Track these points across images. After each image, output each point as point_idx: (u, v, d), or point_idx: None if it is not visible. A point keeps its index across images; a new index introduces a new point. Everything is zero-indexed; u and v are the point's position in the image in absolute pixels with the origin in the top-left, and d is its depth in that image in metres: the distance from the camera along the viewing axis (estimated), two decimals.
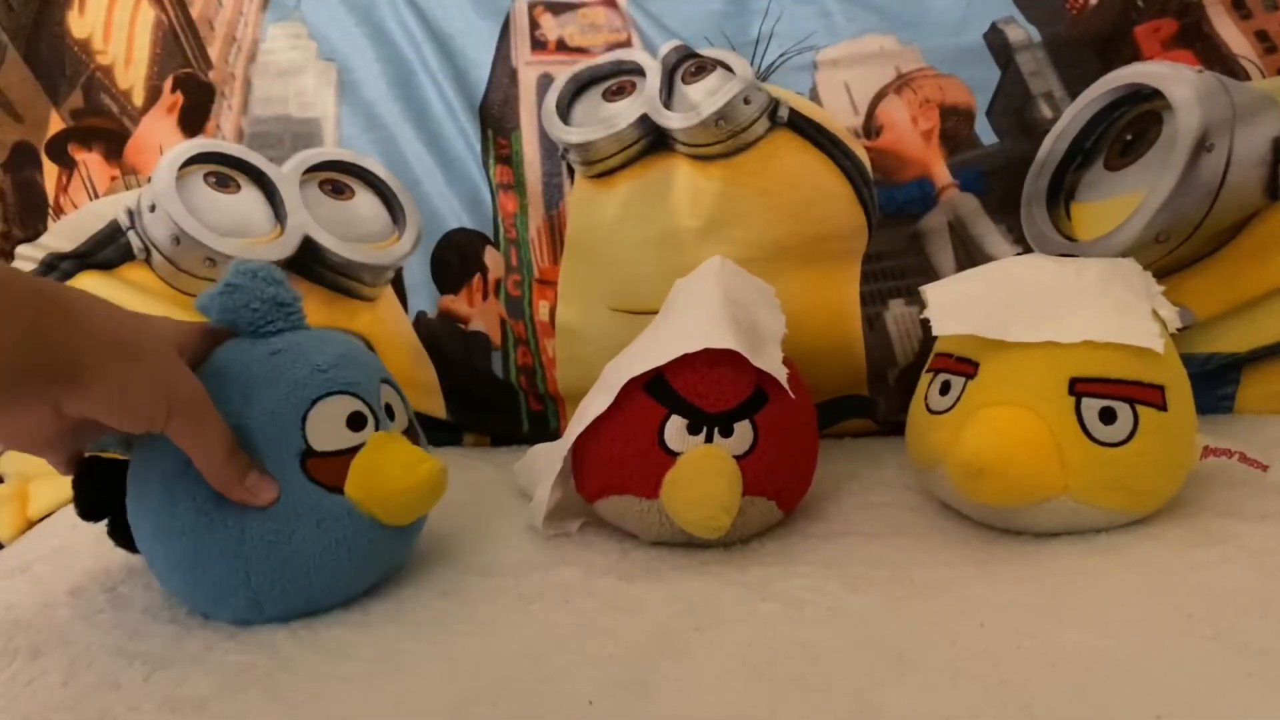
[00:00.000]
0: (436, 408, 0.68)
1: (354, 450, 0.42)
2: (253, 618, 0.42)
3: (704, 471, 0.44)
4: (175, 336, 0.41)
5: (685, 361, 0.46)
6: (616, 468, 0.47)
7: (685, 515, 0.44)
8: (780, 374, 0.46)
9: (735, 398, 0.46)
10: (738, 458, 0.45)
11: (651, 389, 0.47)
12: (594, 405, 0.47)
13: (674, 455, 0.45)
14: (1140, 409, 0.43)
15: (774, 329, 0.50)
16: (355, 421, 0.42)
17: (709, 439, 0.46)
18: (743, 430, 0.46)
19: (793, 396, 0.47)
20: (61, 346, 0.33)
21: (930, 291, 0.50)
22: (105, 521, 0.45)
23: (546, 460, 0.52)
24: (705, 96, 0.59)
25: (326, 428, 0.41)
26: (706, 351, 0.45)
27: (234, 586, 0.40)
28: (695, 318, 0.48)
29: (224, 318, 0.43)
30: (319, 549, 0.41)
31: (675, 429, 0.46)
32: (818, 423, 0.51)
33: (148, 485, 0.41)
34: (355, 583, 0.44)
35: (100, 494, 0.44)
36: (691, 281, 0.53)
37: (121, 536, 0.44)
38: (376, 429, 0.43)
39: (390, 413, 0.44)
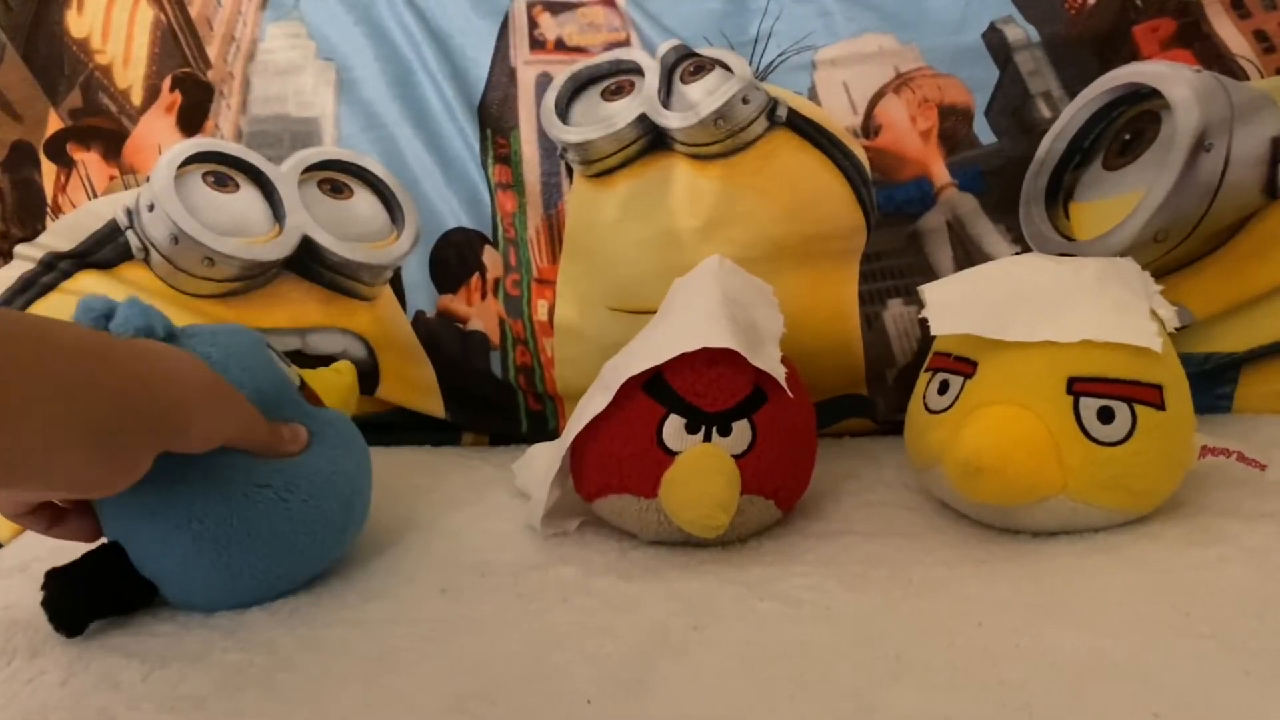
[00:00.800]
0: (435, 407, 0.68)
1: (302, 382, 0.49)
2: (356, 530, 0.48)
3: (702, 470, 0.44)
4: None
5: (684, 361, 0.46)
6: (615, 467, 0.47)
7: (683, 514, 0.44)
8: (779, 373, 0.46)
9: (734, 397, 0.46)
10: (736, 457, 0.45)
11: (650, 388, 0.47)
12: (592, 404, 0.47)
13: (672, 454, 0.45)
14: (1138, 408, 0.43)
15: (772, 328, 0.50)
16: (284, 361, 0.49)
17: (707, 438, 0.46)
18: (741, 429, 0.46)
19: (791, 396, 0.47)
20: (161, 395, 0.36)
21: (928, 291, 0.50)
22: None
23: (545, 459, 0.52)
24: (704, 96, 0.59)
25: (287, 368, 0.48)
26: (705, 351, 0.45)
27: (343, 513, 0.46)
28: (693, 317, 0.48)
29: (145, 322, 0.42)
30: (360, 445, 0.49)
31: (674, 428, 0.46)
32: (816, 422, 0.51)
33: (197, 506, 0.41)
34: None
35: (75, 603, 0.43)
36: (690, 281, 0.53)
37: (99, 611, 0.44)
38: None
39: None
